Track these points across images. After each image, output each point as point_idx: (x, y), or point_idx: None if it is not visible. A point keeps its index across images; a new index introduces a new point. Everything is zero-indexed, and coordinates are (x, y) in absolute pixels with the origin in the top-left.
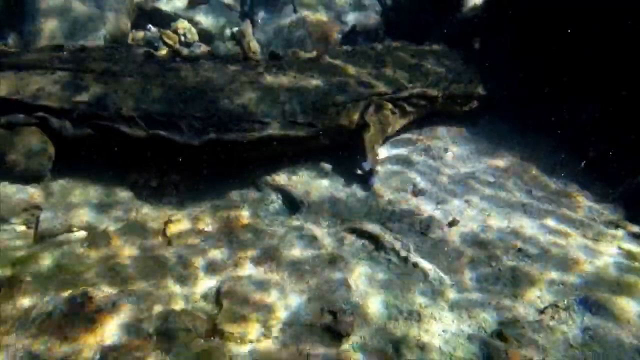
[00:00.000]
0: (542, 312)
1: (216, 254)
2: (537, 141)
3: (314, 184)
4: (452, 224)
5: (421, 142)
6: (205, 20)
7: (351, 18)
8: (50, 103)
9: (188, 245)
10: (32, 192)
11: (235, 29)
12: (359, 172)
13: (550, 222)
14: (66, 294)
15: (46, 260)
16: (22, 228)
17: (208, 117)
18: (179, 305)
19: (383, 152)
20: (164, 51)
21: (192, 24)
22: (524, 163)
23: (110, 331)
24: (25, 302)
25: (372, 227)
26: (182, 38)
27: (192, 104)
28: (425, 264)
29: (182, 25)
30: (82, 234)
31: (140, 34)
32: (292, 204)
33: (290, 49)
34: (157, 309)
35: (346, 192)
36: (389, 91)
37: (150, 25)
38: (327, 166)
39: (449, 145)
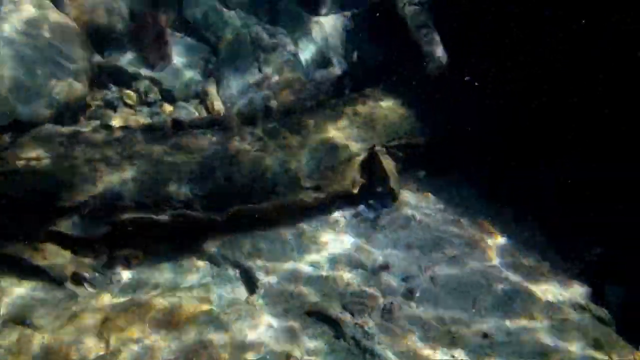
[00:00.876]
0: None
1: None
2: (500, 211)
3: (276, 257)
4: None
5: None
6: (168, 79)
7: (317, 75)
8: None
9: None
10: None
11: (199, 87)
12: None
13: (516, 306)
14: None
15: None
16: None
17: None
18: None
19: (343, 221)
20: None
21: (154, 83)
22: (490, 233)
23: None
24: None
25: (333, 311)
26: (143, 97)
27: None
28: (388, 355)
29: (144, 84)
30: None
31: (99, 94)
32: (251, 283)
33: (255, 109)
34: None
35: (307, 270)
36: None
37: (110, 84)
38: (290, 237)
39: (415, 212)
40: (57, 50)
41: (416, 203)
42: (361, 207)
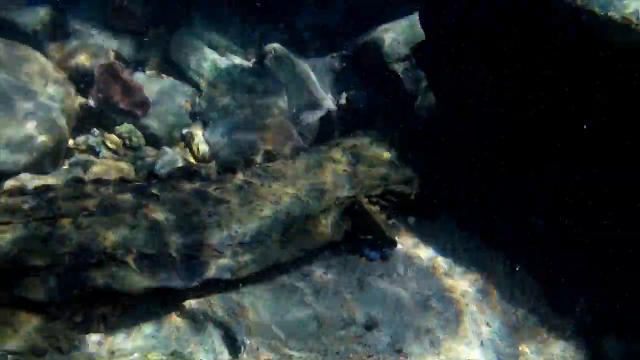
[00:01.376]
0: None
1: None
2: (493, 256)
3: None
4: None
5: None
6: (153, 122)
7: (305, 118)
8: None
9: None
10: None
11: (185, 131)
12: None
13: None
14: None
15: None
16: None
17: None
18: None
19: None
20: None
21: (138, 127)
22: (482, 286)
23: None
24: None
25: None
26: (127, 142)
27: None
28: None
29: (127, 128)
30: None
31: (83, 138)
32: (233, 343)
33: (241, 153)
34: None
35: (291, 323)
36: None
37: (95, 129)
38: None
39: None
40: (38, 93)
41: (406, 253)
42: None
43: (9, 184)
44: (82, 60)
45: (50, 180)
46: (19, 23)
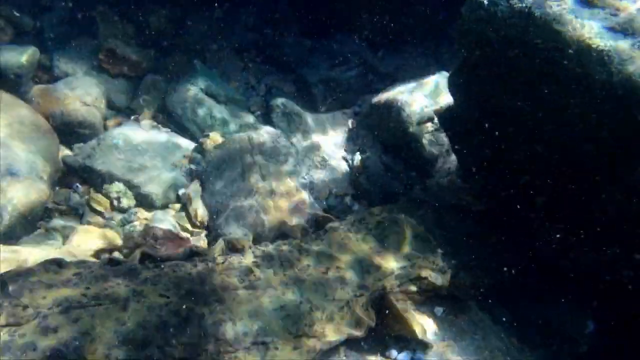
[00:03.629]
0: None
1: None
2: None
3: None
4: None
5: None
6: (147, 182)
7: (315, 183)
8: None
9: None
10: None
11: (181, 192)
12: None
13: None
14: None
15: None
16: None
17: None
18: None
19: None
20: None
21: (130, 187)
22: None
23: None
24: None
25: None
26: (115, 203)
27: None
28: None
29: (116, 188)
30: None
31: (64, 192)
32: None
33: (244, 223)
34: None
35: None
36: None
37: (77, 185)
38: None
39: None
40: (11, 148)
41: (438, 358)
42: (392, 352)
43: None
44: (68, 106)
45: (23, 254)
46: None
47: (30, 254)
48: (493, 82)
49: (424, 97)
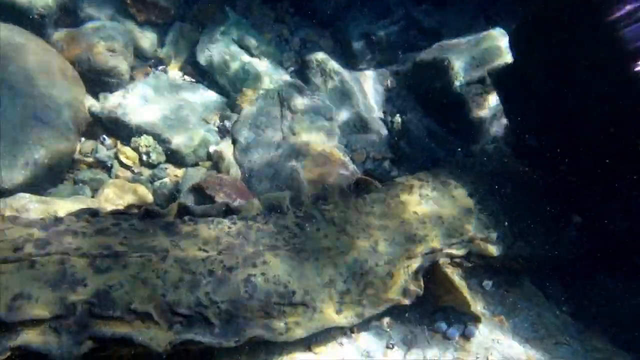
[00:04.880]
0: None
1: None
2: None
3: None
4: None
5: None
6: (177, 137)
7: (353, 143)
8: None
9: None
10: None
11: (212, 149)
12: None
13: None
14: None
15: None
16: None
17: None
18: None
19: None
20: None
21: (159, 141)
22: None
23: None
24: None
25: None
26: (145, 157)
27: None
28: None
29: (145, 142)
30: None
31: (90, 144)
32: None
33: (278, 182)
34: None
35: None
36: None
37: (104, 136)
38: None
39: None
40: (39, 94)
41: (489, 334)
42: (441, 325)
43: (9, 203)
44: (95, 52)
45: (54, 204)
46: (21, 3)
47: (59, 205)
48: (561, 39)
49: (472, 56)
